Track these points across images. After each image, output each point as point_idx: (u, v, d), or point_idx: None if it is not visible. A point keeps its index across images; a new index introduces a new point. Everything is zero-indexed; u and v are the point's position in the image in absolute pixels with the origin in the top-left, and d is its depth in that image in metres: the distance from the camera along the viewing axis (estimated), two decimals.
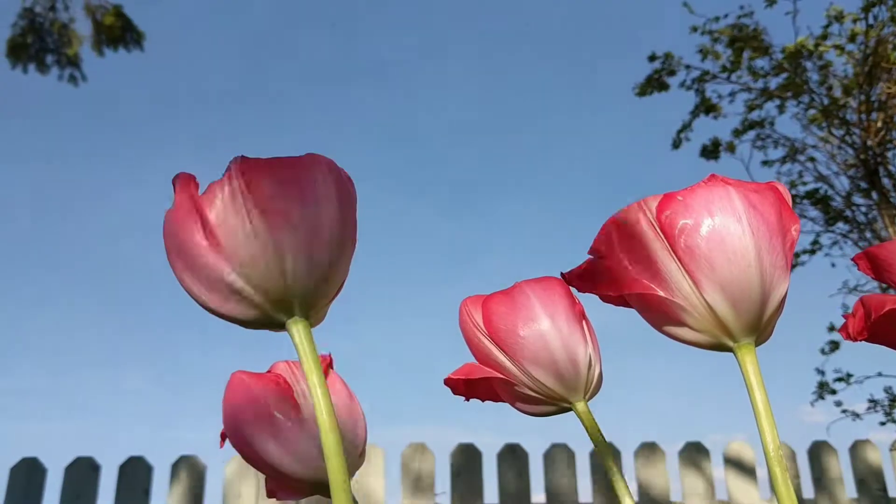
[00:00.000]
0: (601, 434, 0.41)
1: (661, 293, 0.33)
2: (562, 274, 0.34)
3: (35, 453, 2.40)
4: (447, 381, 0.44)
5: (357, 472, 0.44)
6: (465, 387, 0.44)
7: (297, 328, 0.32)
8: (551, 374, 0.41)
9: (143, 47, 5.49)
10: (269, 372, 0.42)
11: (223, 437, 0.43)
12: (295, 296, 0.32)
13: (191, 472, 2.42)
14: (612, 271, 0.33)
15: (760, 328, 0.33)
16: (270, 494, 0.45)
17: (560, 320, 0.41)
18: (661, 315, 0.33)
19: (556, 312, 0.41)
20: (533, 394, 0.42)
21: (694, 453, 2.54)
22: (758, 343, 0.33)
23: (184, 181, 0.32)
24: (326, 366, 0.44)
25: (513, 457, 2.49)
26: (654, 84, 4.56)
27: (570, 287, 0.39)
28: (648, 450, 2.54)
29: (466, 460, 2.46)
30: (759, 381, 0.32)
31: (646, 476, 2.50)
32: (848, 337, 0.35)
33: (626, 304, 0.36)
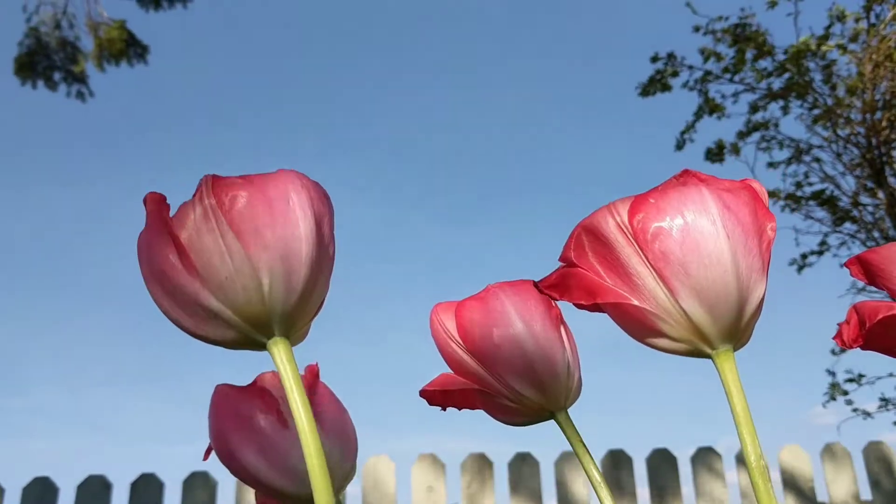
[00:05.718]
0: (584, 444, 0.39)
1: (635, 302, 0.32)
2: (534, 283, 0.34)
3: (47, 472, 2.41)
4: (422, 393, 0.42)
5: (348, 486, 0.43)
6: (440, 397, 0.42)
7: (277, 349, 0.31)
8: (529, 384, 0.39)
9: (147, 61, 5.52)
10: (253, 384, 0.41)
11: (209, 450, 0.41)
12: (274, 316, 0.31)
13: (203, 488, 2.42)
14: (584, 279, 0.32)
15: (738, 333, 0.32)
16: None
17: (536, 326, 0.39)
18: (636, 324, 0.32)
19: (531, 318, 0.39)
20: (511, 404, 0.40)
21: (706, 458, 2.53)
22: (736, 348, 0.32)
23: (153, 202, 0.31)
24: (313, 376, 0.42)
25: (524, 465, 2.48)
26: (657, 84, 4.54)
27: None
28: (660, 455, 2.53)
29: (478, 470, 2.46)
30: (738, 389, 0.31)
31: (658, 482, 2.49)
32: (842, 344, 0.34)
33: (603, 311, 0.34)
